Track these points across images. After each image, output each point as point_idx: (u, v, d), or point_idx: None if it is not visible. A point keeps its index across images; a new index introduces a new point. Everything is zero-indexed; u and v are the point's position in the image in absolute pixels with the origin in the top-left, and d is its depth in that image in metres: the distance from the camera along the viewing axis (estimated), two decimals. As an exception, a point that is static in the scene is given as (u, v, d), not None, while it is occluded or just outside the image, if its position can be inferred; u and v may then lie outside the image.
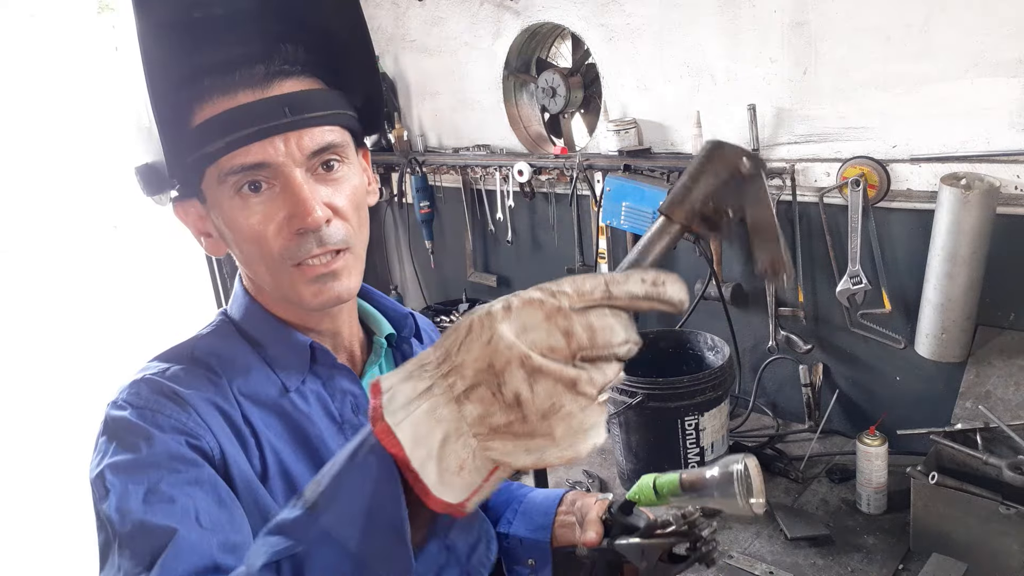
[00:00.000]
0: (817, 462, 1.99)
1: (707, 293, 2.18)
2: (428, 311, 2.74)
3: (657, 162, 2.20)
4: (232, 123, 0.81)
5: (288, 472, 0.86)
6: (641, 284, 0.58)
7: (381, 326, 1.04)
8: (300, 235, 0.84)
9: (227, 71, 0.82)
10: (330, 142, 0.86)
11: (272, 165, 0.82)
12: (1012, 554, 1.46)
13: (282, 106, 0.82)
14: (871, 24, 1.77)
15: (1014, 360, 1.71)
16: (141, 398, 0.82)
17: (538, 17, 2.47)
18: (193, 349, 0.91)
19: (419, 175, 2.92)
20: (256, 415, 0.87)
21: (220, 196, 0.85)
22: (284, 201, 0.84)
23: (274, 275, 0.87)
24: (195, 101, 0.82)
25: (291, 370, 0.92)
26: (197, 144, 0.82)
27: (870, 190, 1.84)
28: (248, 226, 0.85)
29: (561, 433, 0.55)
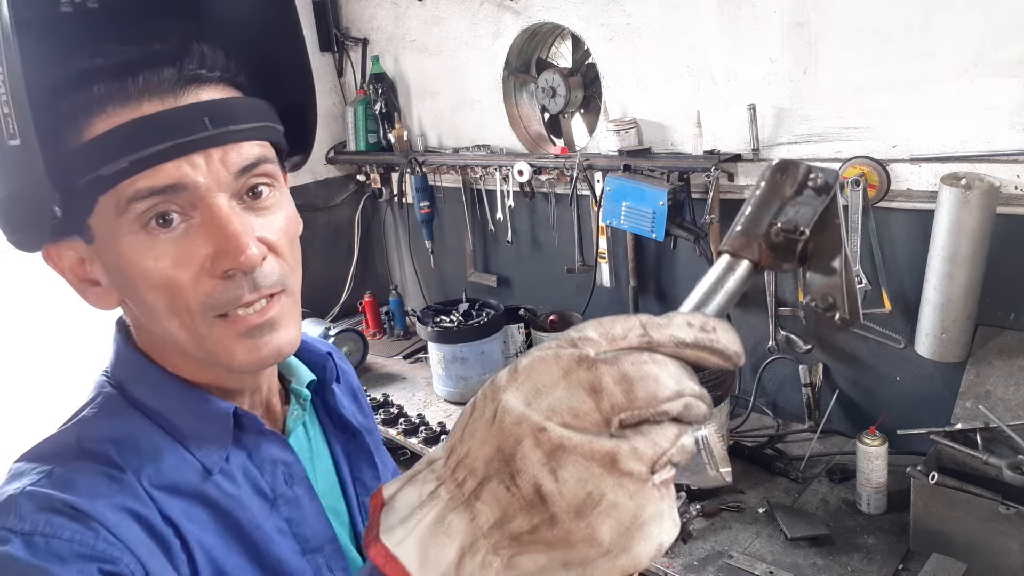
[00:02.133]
0: (817, 462, 2.00)
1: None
2: (428, 311, 2.74)
3: (657, 162, 2.20)
4: (137, 137, 0.64)
5: (222, 571, 0.71)
6: (688, 329, 0.45)
7: (299, 373, 0.86)
8: (228, 278, 0.67)
9: (125, 75, 0.65)
10: (259, 157, 0.69)
11: (190, 188, 0.65)
12: (1012, 554, 1.46)
13: (201, 116, 0.66)
14: (871, 24, 1.77)
15: (1014, 360, 1.71)
16: (25, 520, 0.61)
17: (538, 17, 2.47)
18: (78, 439, 0.70)
19: (419, 175, 2.92)
20: (176, 510, 0.69)
21: (117, 232, 0.66)
22: (207, 237, 0.66)
23: (191, 331, 0.69)
24: (82, 112, 0.65)
25: (210, 446, 0.73)
26: (89, 165, 0.64)
27: (870, 190, 1.84)
28: (157, 270, 0.66)
29: (609, 534, 0.40)
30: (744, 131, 2.04)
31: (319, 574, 0.79)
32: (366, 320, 3.22)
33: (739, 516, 1.82)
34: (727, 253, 0.51)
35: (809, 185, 0.50)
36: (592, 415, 0.40)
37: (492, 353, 2.59)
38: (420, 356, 2.98)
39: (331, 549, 0.81)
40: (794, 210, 0.49)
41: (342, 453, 0.90)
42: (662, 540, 0.41)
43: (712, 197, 2.08)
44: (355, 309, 3.29)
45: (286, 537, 0.77)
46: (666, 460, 0.41)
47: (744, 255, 0.50)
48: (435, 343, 2.57)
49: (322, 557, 0.80)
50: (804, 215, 0.48)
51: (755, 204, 0.51)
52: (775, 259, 0.49)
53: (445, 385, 2.61)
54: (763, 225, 0.50)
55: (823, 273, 0.50)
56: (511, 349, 2.73)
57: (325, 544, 0.80)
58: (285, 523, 0.77)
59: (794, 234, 0.48)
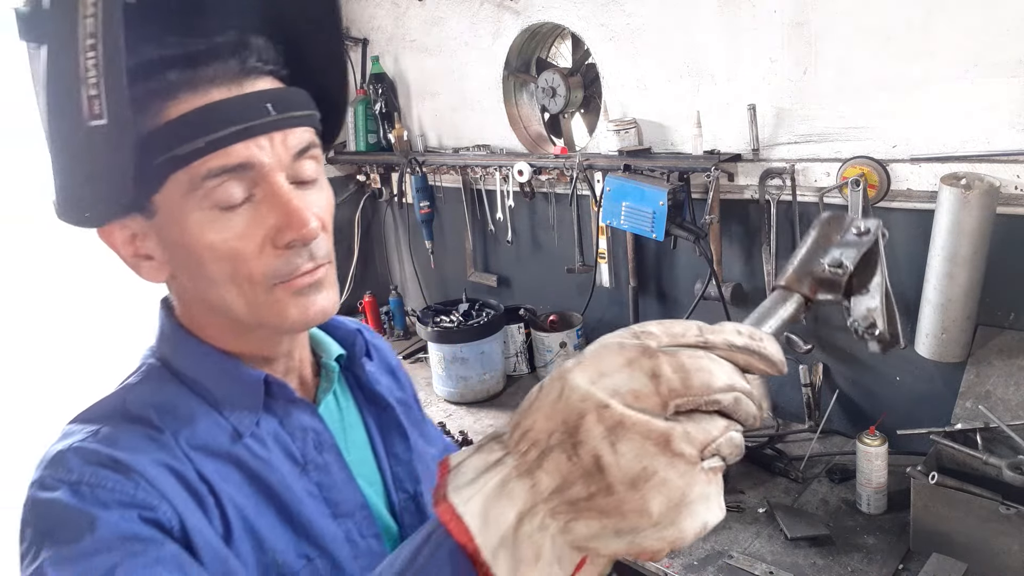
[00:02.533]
0: (817, 462, 2.00)
1: (707, 293, 2.18)
2: (428, 311, 2.74)
3: (657, 162, 2.20)
4: (211, 121, 0.70)
5: (254, 527, 0.76)
6: (738, 335, 0.48)
7: (329, 348, 0.93)
8: (289, 248, 0.74)
9: (195, 64, 0.71)
10: (311, 141, 0.77)
11: (256, 168, 0.72)
12: (1012, 554, 1.46)
13: (264, 103, 0.73)
14: (871, 24, 1.77)
15: (1014, 360, 1.71)
16: (73, 472, 0.68)
17: (538, 17, 2.47)
18: (124, 402, 0.77)
19: (419, 175, 2.92)
20: (210, 468, 0.75)
21: (186, 208, 0.72)
22: (269, 211, 0.73)
23: (250, 298, 0.75)
24: (158, 96, 0.70)
25: (243, 411, 0.80)
26: (166, 145, 0.70)
27: (870, 190, 1.84)
28: (223, 242, 0.72)
29: (658, 507, 0.44)
30: (744, 131, 2.04)
31: (350, 538, 0.83)
32: (366, 320, 3.21)
33: (739, 516, 1.82)
34: (781, 288, 0.56)
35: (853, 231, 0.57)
36: (651, 398, 0.44)
37: (492, 353, 2.59)
38: (420, 356, 2.98)
39: (362, 515, 0.86)
40: (840, 251, 0.56)
41: (375, 426, 0.95)
42: (707, 520, 0.45)
43: (712, 197, 2.08)
44: (355, 309, 3.30)
45: (316, 500, 0.82)
46: (715, 448, 0.46)
47: (796, 289, 0.56)
48: (435, 343, 2.57)
49: (352, 522, 0.84)
50: (849, 255, 0.55)
51: (807, 248, 0.57)
52: (823, 292, 0.55)
53: (445, 385, 2.61)
54: (813, 264, 0.56)
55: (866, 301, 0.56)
56: (511, 349, 2.74)
57: (356, 510, 0.85)
58: (315, 487, 0.83)
59: (839, 269, 0.55)
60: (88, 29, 0.62)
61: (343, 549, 0.82)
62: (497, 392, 2.63)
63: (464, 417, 2.53)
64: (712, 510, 0.46)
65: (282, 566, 0.77)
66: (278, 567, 0.77)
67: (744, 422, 0.48)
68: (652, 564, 1.70)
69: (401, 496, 0.93)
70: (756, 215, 2.10)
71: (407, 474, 0.95)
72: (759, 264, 2.13)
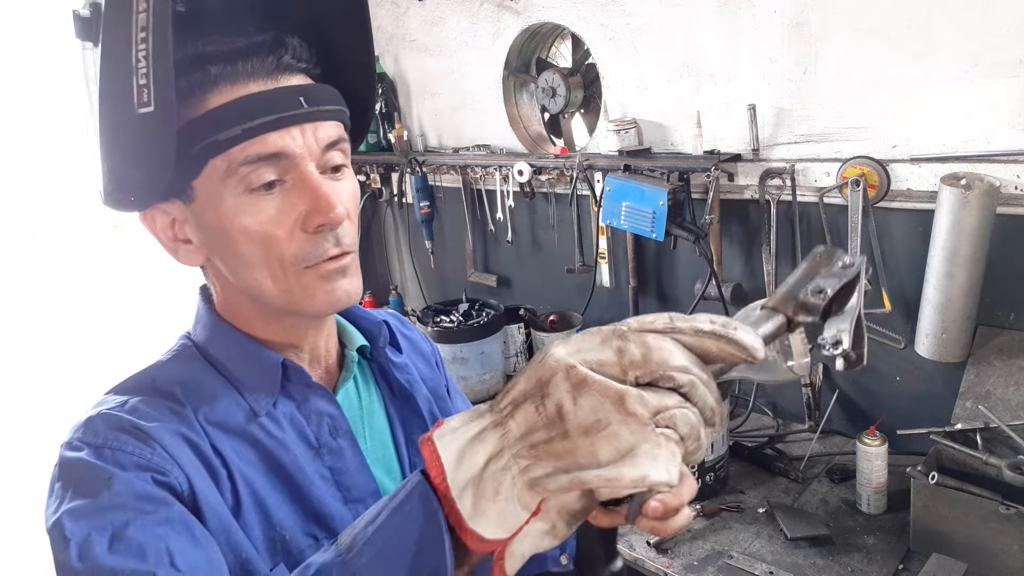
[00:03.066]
0: (817, 462, 2.00)
1: (707, 293, 2.18)
2: (428, 311, 2.74)
3: (657, 162, 2.20)
4: (249, 110, 0.76)
5: (263, 503, 0.81)
6: (709, 323, 0.55)
7: (352, 338, 0.97)
8: (318, 234, 0.79)
9: (235, 60, 0.77)
10: (339, 136, 0.82)
11: (289, 156, 0.77)
12: (1012, 554, 1.46)
13: (297, 96, 0.78)
14: (871, 24, 1.77)
15: (1014, 360, 1.71)
16: (98, 436, 0.75)
17: (538, 17, 2.47)
18: (154, 378, 0.84)
19: (419, 175, 2.92)
20: (226, 444, 0.81)
21: (223, 192, 0.77)
22: (300, 197, 0.78)
23: (280, 281, 0.81)
24: (200, 88, 0.76)
25: (260, 392, 0.85)
26: (207, 131, 0.75)
27: (870, 190, 1.84)
28: (257, 225, 0.78)
29: (605, 455, 0.51)
30: (744, 131, 2.04)
31: None
32: (366, 320, 3.21)
33: (739, 516, 1.82)
34: (768, 308, 0.63)
35: (839, 264, 0.64)
36: (614, 368, 0.52)
37: (492, 353, 2.59)
38: (420, 356, 2.98)
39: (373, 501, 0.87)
40: (824, 281, 0.63)
41: (397, 416, 0.98)
42: (647, 472, 0.50)
43: (712, 197, 2.08)
44: (355, 309, 3.30)
45: (328, 483, 0.86)
46: (669, 418, 0.51)
47: (780, 310, 0.63)
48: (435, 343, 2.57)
49: (364, 507, 0.86)
50: (831, 283, 0.62)
51: (797, 275, 0.65)
52: (804, 314, 0.62)
53: (445, 385, 2.61)
54: (799, 290, 0.63)
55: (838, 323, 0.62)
56: (511, 349, 2.73)
57: (368, 496, 0.88)
58: (328, 471, 0.86)
59: (820, 295, 0.61)
60: (140, 23, 0.68)
61: None
62: (497, 392, 2.62)
63: (464, 417, 2.53)
64: (657, 468, 0.50)
65: (288, 543, 0.81)
66: (284, 543, 0.81)
67: (700, 408, 0.53)
68: (652, 564, 1.70)
69: None
70: (756, 215, 2.10)
71: None
72: (759, 264, 2.13)
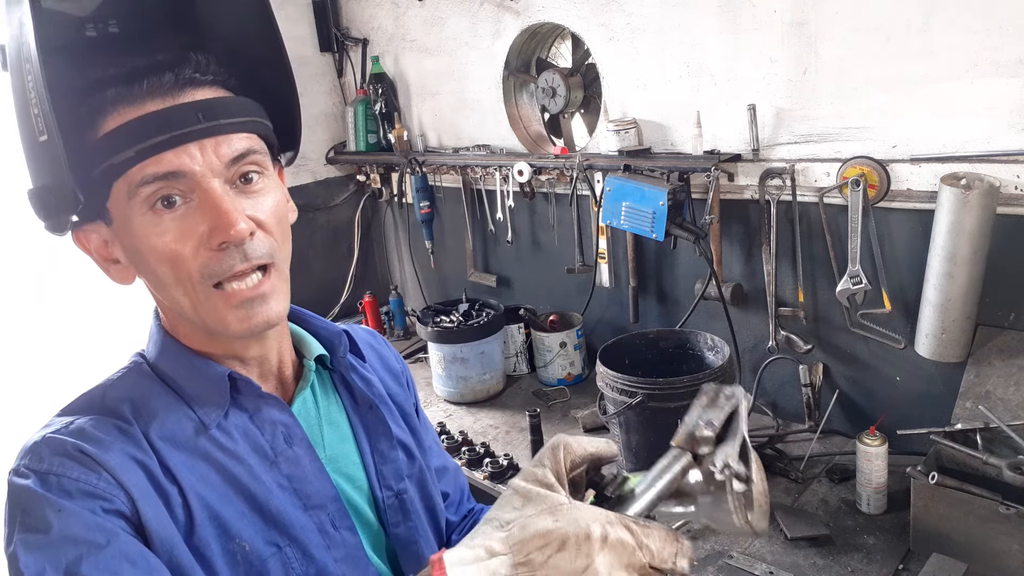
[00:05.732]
0: (817, 462, 2.00)
1: (707, 293, 2.18)
2: (428, 311, 2.74)
3: (657, 162, 2.20)
4: (141, 130, 0.75)
5: (219, 516, 0.80)
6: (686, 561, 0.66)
7: (310, 348, 0.97)
8: (222, 250, 0.78)
9: (132, 81, 0.77)
10: (248, 148, 0.81)
11: (188, 175, 0.76)
12: (1012, 554, 1.46)
13: (195, 112, 0.77)
14: (871, 24, 1.77)
15: (1014, 360, 1.71)
16: (43, 462, 0.75)
17: (538, 17, 2.47)
18: (103, 396, 0.84)
19: (419, 175, 2.92)
20: (177, 460, 0.80)
21: (130, 213, 0.77)
22: (203, 215, 0.77)
23: (193, 299, 0.81)
24: (98, 112, 0.76)
25: (210, 406, 0.85)
26: (103, 155, 0.75)
27: (870, 190, 1.84)
28: (162, 244, 0.78)
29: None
30: (744, 131, 2.04)
31: (323, 529, 0.87)
32: (366, 320, 3.21)
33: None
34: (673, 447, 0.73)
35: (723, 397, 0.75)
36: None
37: (492, 353, 2.59)
38: (420, 356, 2.98)
39: (334, 507, 0.89)
40: (712, 413, 0.74)
41: (360, 424, 0.98)
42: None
43: (712, 197, 2.08)
44: (355, 309, 3.30)
45: (286, 492, 0.86)
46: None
47: (685, 448, 0.72)
48: (435, 343, 2.57)
49: (325, 514, 0.88)
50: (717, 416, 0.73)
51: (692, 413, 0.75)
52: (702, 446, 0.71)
53: (445, 385, 2.61)
54: (694, 426, 0.73)
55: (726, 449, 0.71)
56: (511, 349, 2.74)
57: (327, 502, 0.89)
58: (286, 479, 0.87)
59: (710, 427, 0.72)
60: (24, 55, 0.71)
61: (314, 538, 0.86)
62: (497, 392, 2.63)
63: (464, 417, 2.53)
64: None
65: (250, 553, 0.81)
66: (245, 554, 0.81)
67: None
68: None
69: (385, 493, 0.96)
70: (756, 215, 2.10)
71: (392, 472, 0.98)
72: (759, 264, 2.13)
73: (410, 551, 0.96)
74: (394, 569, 0.97)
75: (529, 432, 1.99)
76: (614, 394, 1.91)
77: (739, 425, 0.72)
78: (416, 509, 0.99)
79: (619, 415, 1.91)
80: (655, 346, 2.17)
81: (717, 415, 0.73)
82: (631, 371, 1.94)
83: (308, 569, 0.84)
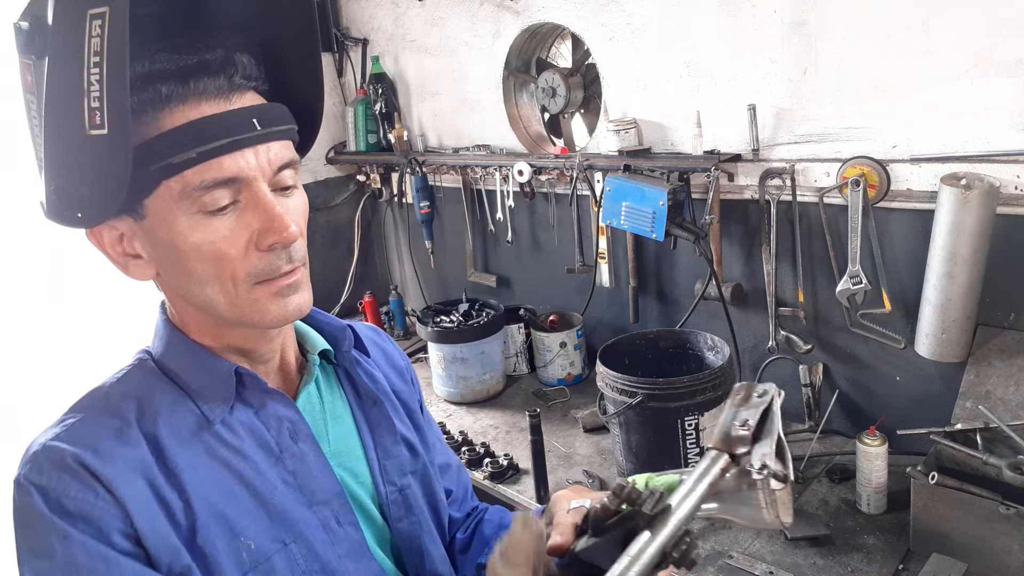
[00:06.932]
0: (817, 462, 2.00)
1: (707, 293, 2.18)
2: (428, 311, 2.74)
3: (657, 162, 2.19)
4: (204, 133, 0.76)
5: (223, 515, 0.81)
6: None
7: (315, 343, 0.98)
8: (271, 251, 0.81)
9: (185, 79, 0.77)
10: (292, 158, 0.84)
11: (243, 180, 0.78)
12: (1012, 554, 1.46)
13: (251, 117, 0.79)
14: (871, 24, 1.77)
15: (1014, 360, 1.71)
16: (43, 475, 0.76)
17: (538, 17, 2.47)
18: (108, 394, 0.84)
19: (419, 175, 2.92)
20: (181, 458, 0.81)
21: (175, 212, 0.78)
22: (253, 217, 0.80)
23: (231, 296, 0.82)
24: (151, 108, 0.76)
25: (215, 401, 0.85)
26: (161, 154, 0.75)
27: (870, 190, 1.84)
28: (209, 244, 0.79)
29: None
30: (744, 131, 2.04)
31: (327, 525, 0.87)
32: (366, 320, 3.22)
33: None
34: (709, 449, 0.73)
35: (756, 395, 0.75)
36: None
37: (492, 353, 2.59)
38: (420, 356, 2.98)
39: (339, 504, 0.90)
40: (746, 412, 0.74)
41: (364, 419, 0.98)
42: None
43: (712, 197, 2.08)
44: (355, 309, 3.30)
45: (291, 488, 0.86)
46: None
47: (721, 449, 0.73)
48: (435, 343, 2.57)
49: (329, 510, 0.88)
50: (752, 414, 0.73)
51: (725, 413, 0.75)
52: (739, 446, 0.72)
53: (445, 385, 2.61)
54: (729, 427, 0.73)
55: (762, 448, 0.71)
56: (511, 349, 2.74)
57: (332, 498, 0.89)
58: (291, 475, 0.87)
59: (745, 427, 0.72)
60: (94, 47, 0.68)
61: (319, 535, 0.86)
62: (497, 392, 2.63)
63: (464, 417, 2.53)
64: None
65: (255, 551, 0.81)
66: (251, 552, 0.81)
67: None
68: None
69: (388, 489, 0.96)
70: (756, 215, 2.10)
71: (395, 467, 0.98)
72: (759, 264, 2.13)
73: (413, 546, 0.97)
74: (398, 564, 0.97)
75: (529, 432, 1.99)
76: (614, 394, 1.91)
77: (774, 423, 0.72)
78: (419, 505, 0.99)
79: (619, 415, 1.91)
80: (655, 346, 2.17)
81: (752, 414, 0.73)
82: (631, 371, 1.94)
83: (313, 565, 0.85)
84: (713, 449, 0.72)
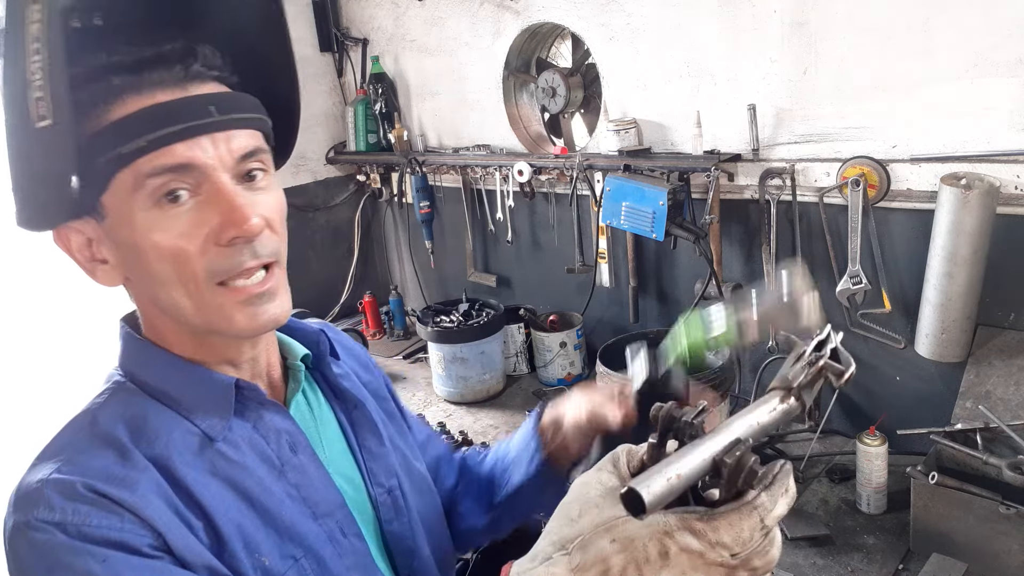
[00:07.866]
0: (817, 462, 1.99)
1: (707, 293, 2.18)
2: (428, 311, 2.74)
3: (657, 162, 2.19)
4: (153, 120, 0.72)
5: (243, 531, 0.78)
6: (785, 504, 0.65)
7: (294, 349, 0.94)
8: (231, 246, 0.75)
9: (139, 70, 0.74)
10: (257, 146, 0.79)
11: (199, 168, 0.74)
12: (1012, 554, 1.46)
13: (207, 104, 0.75)
14: (871, 24, 1.77)
15: (1014, 360, 1.71)
16: (55, 511, 0.69)
17: (538, 17, 2.47)
18: (93, 424, 0.77)
19: (419, 175, 2.92)
20: (190, 479, 0.76)
21: (131, 208, 0.74)
22: (213, 210, 0.75)
23: (196, 299, 0.77)
24: (102, 100, 0.73)
25: (213, 417, 0.81)
26: (110, 144, 0.72)
27: (870, 190, 1.84)
28: (167, 240, 0.74)
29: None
30: (744, 131, 2.04)
31: (333, 537, 0.85)
32: (366, 320, 3.21)
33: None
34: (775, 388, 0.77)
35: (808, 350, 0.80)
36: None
37: (492, 353, 2.59)
38: (420, 356, 2.98)
39: (342, 514, 0.88)
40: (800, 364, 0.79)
41: (348, 422, 0.97)
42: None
43: (712, 197, 2.08)
44: (355, 309, 3.29)
45: (296, 502, 0.83)
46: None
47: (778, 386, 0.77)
48: (435, 343, 2.57)
49: (333, 521, 0.86)
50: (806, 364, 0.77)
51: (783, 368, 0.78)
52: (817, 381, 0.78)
53: (445, 385, 2.61)
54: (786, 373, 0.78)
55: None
56: (511, 349, 2.73)
57: (335, 509, 0.87)
58: (294, 488, 0.84)
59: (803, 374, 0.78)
60: (33, 35, 0.66)
61: (327, 548, 0.84)
62: (497, 392, 2.63)
63: (464, 417, 2.53)
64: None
65: (270, 568, 0.78)
66: (266, 569, 0.78)
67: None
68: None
69: (377, 491, 0.95)
70: (756, 215, 2.10)
71: (382, 469, 0.97)
72: (759, 264, 2.13)
73: (403, 546, 0.96)
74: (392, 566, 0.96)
75: (529, 432, 1.99)
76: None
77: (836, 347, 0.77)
78: (409, 504, 0.98)
79: (619, 415, 1.91)
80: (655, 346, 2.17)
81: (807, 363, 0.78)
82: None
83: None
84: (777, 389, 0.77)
